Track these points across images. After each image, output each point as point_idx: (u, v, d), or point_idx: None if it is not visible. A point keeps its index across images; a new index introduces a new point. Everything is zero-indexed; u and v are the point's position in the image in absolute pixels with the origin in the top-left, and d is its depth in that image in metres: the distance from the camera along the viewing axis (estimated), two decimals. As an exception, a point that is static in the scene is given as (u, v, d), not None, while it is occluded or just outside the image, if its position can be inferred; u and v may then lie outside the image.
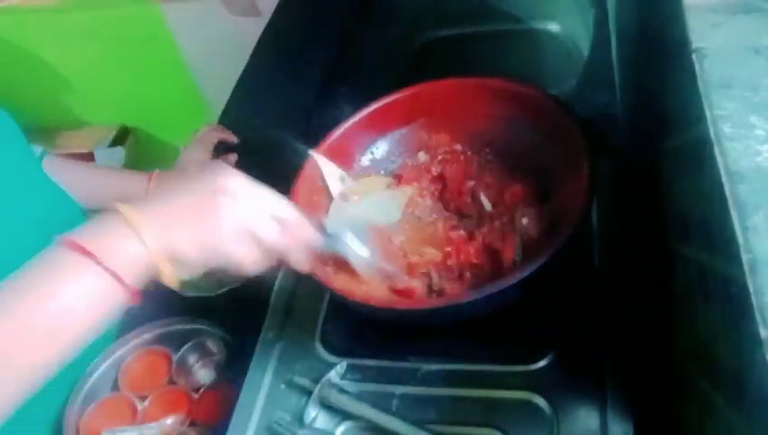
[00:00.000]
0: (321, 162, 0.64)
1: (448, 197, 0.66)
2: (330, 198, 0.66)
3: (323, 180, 0.65)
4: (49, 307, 0.40)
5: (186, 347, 0.71)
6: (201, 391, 0.68)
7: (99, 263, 0.40)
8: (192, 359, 0.71)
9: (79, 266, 0.40)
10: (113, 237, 0.42)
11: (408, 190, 0.67)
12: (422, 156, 0.70)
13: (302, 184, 0.63)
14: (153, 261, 0.42)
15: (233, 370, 0.68)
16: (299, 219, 0.48)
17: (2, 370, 0.39)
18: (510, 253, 0.58)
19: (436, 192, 0.67)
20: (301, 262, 0.49)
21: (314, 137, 0.67)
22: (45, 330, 0.40)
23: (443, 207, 0.66)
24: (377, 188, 0.68)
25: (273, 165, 0.63)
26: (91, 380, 0.71)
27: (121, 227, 0.42)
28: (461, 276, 0.59)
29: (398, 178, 0.69)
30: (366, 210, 0.65)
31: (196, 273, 0.45)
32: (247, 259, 0.45)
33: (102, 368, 0.72)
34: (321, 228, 0.51)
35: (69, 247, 0.41)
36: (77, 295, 0.40)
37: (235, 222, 0.44)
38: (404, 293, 0.58)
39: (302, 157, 0.64)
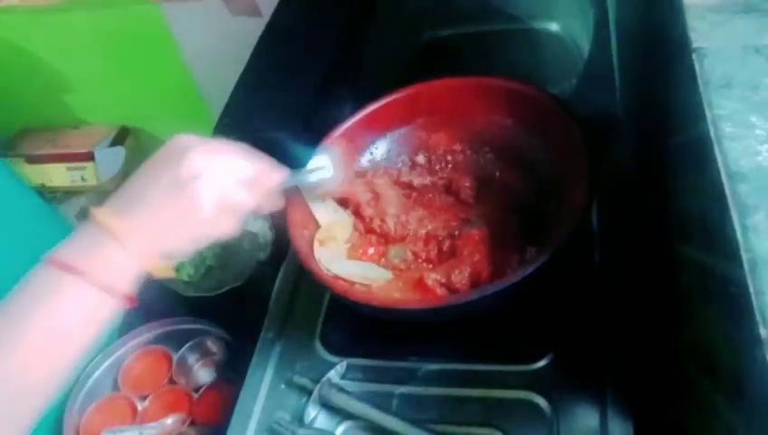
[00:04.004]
0: (304, 193, 0.61)
1: (447, 196, 0.66)
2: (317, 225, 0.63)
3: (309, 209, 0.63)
4: (44, 332, 0.40)
5: (186, 347, 0.71)
6: (201, 391, 0.68)
7: (89, 280, 0.40)
8: (192, 359, 0.71)
9: (70, 286, 0.40)
10: (101, 250, 0.42)
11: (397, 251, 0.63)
12: (421, 156, 0.70)
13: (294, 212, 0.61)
14: (143, 264, 0.43)
15: (233, 370, 0.68)
16: (262, 172, 0.49)
17: (6, 400, 0.39)
18: (509, 252, 0.58)
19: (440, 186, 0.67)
20: (274, 205, 0.52)
21: (314, 137, 0.67)
22: (43, 354, 0.40)
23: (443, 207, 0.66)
24: (340, 235, 0.63)
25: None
26: (91, 380, 0.71)
27: (107, 239, 0.42)
28: (461, 276, 0.58)
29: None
30: (356, 270, 0.61)
31: (186, 258, 0.47)
32: (229, 228, 0.47)
33: (102, 368, 0.72)
34: (282, 167, 0.52)
35: (57, 267, 0.41)
36: (71, 314, 0.40)
37: (212, 203, 0.45)
38: (420, 288, 0.58)
39: (303, 157, 0.64)
